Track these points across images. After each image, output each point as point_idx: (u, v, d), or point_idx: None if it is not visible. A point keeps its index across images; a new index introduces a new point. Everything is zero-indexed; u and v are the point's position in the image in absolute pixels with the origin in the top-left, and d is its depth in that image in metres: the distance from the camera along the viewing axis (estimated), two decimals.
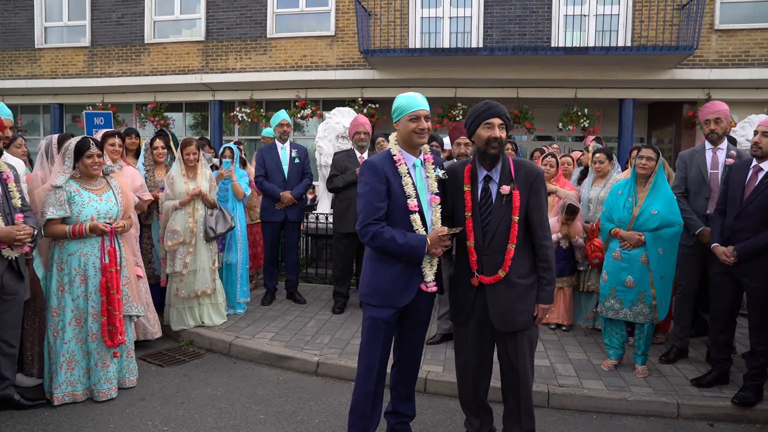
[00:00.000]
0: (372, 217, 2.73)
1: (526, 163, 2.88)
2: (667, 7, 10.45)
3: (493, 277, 2.75)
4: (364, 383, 2.91)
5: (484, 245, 2.77)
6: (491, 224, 2.76)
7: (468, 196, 2.81)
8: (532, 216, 2.78)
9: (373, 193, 2.75)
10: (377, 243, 2.74)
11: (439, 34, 11.48)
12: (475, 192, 2.82)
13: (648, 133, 13.09)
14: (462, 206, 2.82)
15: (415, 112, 2.77)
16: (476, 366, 2.96)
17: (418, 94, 2.84)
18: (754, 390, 3.58)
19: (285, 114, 5.94)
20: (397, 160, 2.81)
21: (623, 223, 4.05)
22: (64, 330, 3.61)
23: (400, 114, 2.81)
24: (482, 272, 2.78)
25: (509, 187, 2.75)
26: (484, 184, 2.81)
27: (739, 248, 3.55)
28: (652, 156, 3.99)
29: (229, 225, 5.04)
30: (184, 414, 3.56)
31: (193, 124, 14.08)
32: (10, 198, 3.39)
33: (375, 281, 2.84)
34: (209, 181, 5.03)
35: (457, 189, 2.87)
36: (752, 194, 3.58)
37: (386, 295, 2.81)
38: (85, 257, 3.61)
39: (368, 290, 2.87)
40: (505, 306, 2.77)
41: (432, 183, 2.87)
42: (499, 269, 2.75)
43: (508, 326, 2.79)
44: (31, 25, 13.50)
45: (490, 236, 2.76)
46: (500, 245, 2.75)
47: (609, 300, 4.07)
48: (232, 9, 12.38)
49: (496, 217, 2.76)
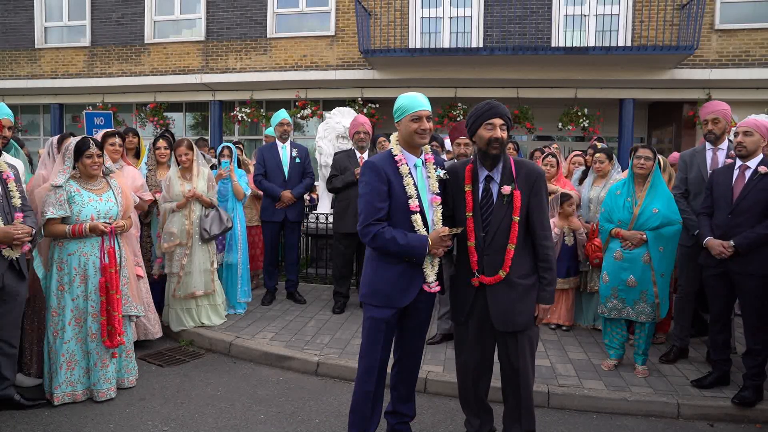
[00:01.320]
0: (373, 218, 2.73)
1: (527, 163, 2.88)
2: (667, 7, 10.45)
3: (493, 277, 2.75)
4: (364, 383, 2.91)
5: (485, 245, 2.77)
6: (492, 224, 2.76)
7: (469, 196, 2.81)
8: (533, 216, 2.78)
9: (374, 193, 2.75)
10: (378, 243, 2.74)
11: (439, 34, 11.48)
12: (476, 192, 2.82)
13: (648, 133, 13.09)
14: (463, 206, 2.82)
15: (417, 112, 2.77)
16: (476, 366, 2.95)
17: (420, 94, 2.83)
18: (754, 390, 3.58)
19: (285, 113, 5.94)
20: (399, 161, 2.81)
21: (624, 224, 4.05)
22: (63, 330, 3.60)
23: (402, 114, 2.80)
24: (483, 272, 2.78)
25: (510, 188, 2.75)
26: (485, 184, 2.81)
27: (740, 239, 3.56)
28: (650, 156, 4.02)
29: (224, 226, 5.00)
30: (184, 414, 3.56)
31: (193, 124, 14.09)
32: (10, 198, 3.39)
33: (376, 281, 2.84)
34: (207, 181, 5.02)
35: (458, 189, 2.87)
36: (743, 191, 3.62)
37: (387, 296, 2.80)
38: (85, 257, 3.61)
39: (369, 291, 2.87)
40: (505, 306, 2.76)
41: (433, 183, 2.87)
42: (500, 269, 2.74)
43: (509, 326, 2.78)
44: (31, 25, 13.50)
45: (490, 236, 2.76)
46: (501, 245, 2.75)
47: (611, 300, 4.07)
48: (232, 9, 12.38)
49: (497, 217, 2.75)
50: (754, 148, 3.63)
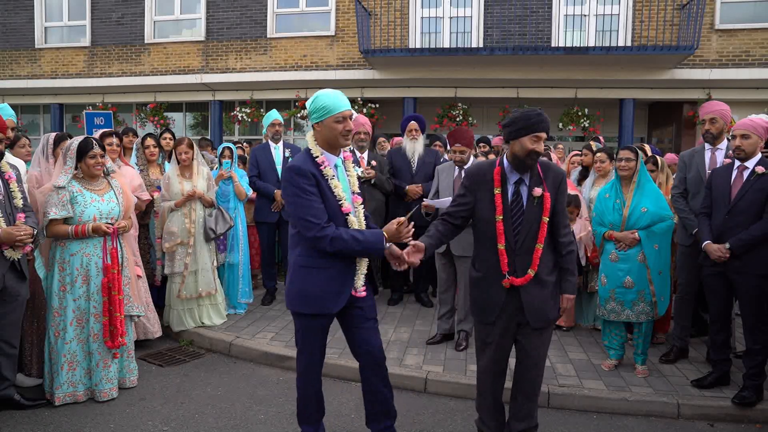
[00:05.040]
0: (322, 221, 2.63)
1: (551, 165, 2.95)
2: (668, 7, 10.45)
3: (523, 277, 2.80)
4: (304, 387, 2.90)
5: (516, 247, 2.80)
6: (523, 226, 2.80)
7: (499, 199, 2.81)
8: (558, 216, 2.86)
9: (311, 197, 2.64)
10: (337, 246, 2.62)
11: (439, 34, 11.48)
12: (506, 195, 2.83)
13: (648, 133, 13.09)
14: (491, 209, 2.82)
15: (342, 113, 2.67)
16: (496, 364, 2.98)
17: (339, 92, 2.72)
18: (754, 390, 3.58)
19: (277, 114, 5.92)
20: (321, 162, 2.70)
21: (615, 225, 4.07)
22: (65, 330, 3.61)
23: (325, 114, 2.68)
24: (513, 274, 2.81)
25: (541, 190, 2.80)
26: (515, 188, 2.83)
27: (734, 241, 3.56)
28: (630, 157, 4.03)
29: (228, 224, 5.03)
30: (184, 414, 3.56)
31: (193, 124, 14.09)
32: (12, 198, 3.40)
33: (306, 288, 2.73)
34: (207, 180, 5.02)
35: (486, 191, 2.85)
36: (741, 191, 3.62)
37: (319, 302, 2.71)
38: (88, 257, 3.62)
39: (298, 298, 2.76)
40: (540, 303, 2.83)
41: (354, 182, 2.82)
42: (528, 269, 2.80)
43: (542, 322, 2.86)
44: (31, 25, 13.50)
45: (522, 238, 2.80)
46: (530, 246, 2.81)
47: (609, 303, 4.07)
48: (232, 9, 12.38)
49: (528, 219, 2.79)
50: (753, 149, 3.63)
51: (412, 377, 4.02)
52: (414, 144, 5.78)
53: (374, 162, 5.63)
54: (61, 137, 4.07)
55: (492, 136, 8.86)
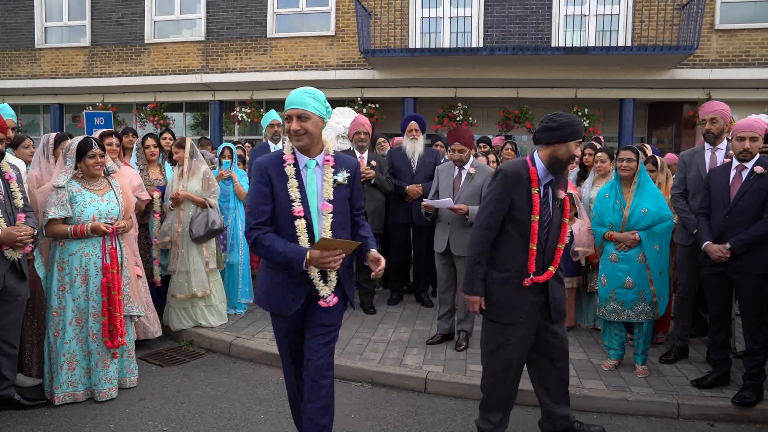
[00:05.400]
0: (255, 221, 2.53)
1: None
2: (668, 7, 10.45)
3: (544, 275, 2.91)
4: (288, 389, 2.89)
5: (546, 247, 2.93)
6: (552, 226, 2.93)
7: (537, 199, 2.86)
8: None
9: (258, 195, 2.55)
10: (259, 250, 2.56)
11: (439, 34, 11.49)
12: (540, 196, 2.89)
13: (648, 133, 13.09)
14: (527, 209, 2.85)
15: (285, 112, 2.55)
16: (519, 361, 3.04)
17: (299, 90, 2.54)
18: (754, 390, 3.58)
19: (275, 114, 5.92)
20: (285, 161, 2.57)
21: (615, 226, 4.06)
22: (64, 330, 3.61)
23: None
24: (538, 272, 2.90)
25: (564, 192, 2.95)
26: (545, 189, 2.91)
27: (734, 241, 3.56)
28: (631, 157, 4.03)
29: (209, 229, 4.83)
30: (184, 414, 3.56)
31: (193, 124, 14.09)
32: (12, 198, 3.40)
33: (268, 287, 2.68)
34: (203, 180, 5.01)
35: (522, 191, 2.87)
36: (740, 192, 3.62)
37: (276, 303, 2.64)
38: (87, 257, 3.61)
39: (263, 296, 2.72)
40: (560, 297, 3.02)
41: (327, 189, 2.59)
42: (549, 266, 2.93)
43: (562, 314, 3.04)
44: (31, 25, 13.50)
45: (550, 237, 2.93)
46: (552, 245, 2.96)
47: (610, 303, 4.07)
48: (232, 9, 12.39)
49: (555, 219, 2.94)
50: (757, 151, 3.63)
51: (412, 377, 4.02)
52: (414, 144, 5.79)
53: (374, 162, 5.63)
54: (62, 137, 4.07)
55: (492, 136, 8.87)
